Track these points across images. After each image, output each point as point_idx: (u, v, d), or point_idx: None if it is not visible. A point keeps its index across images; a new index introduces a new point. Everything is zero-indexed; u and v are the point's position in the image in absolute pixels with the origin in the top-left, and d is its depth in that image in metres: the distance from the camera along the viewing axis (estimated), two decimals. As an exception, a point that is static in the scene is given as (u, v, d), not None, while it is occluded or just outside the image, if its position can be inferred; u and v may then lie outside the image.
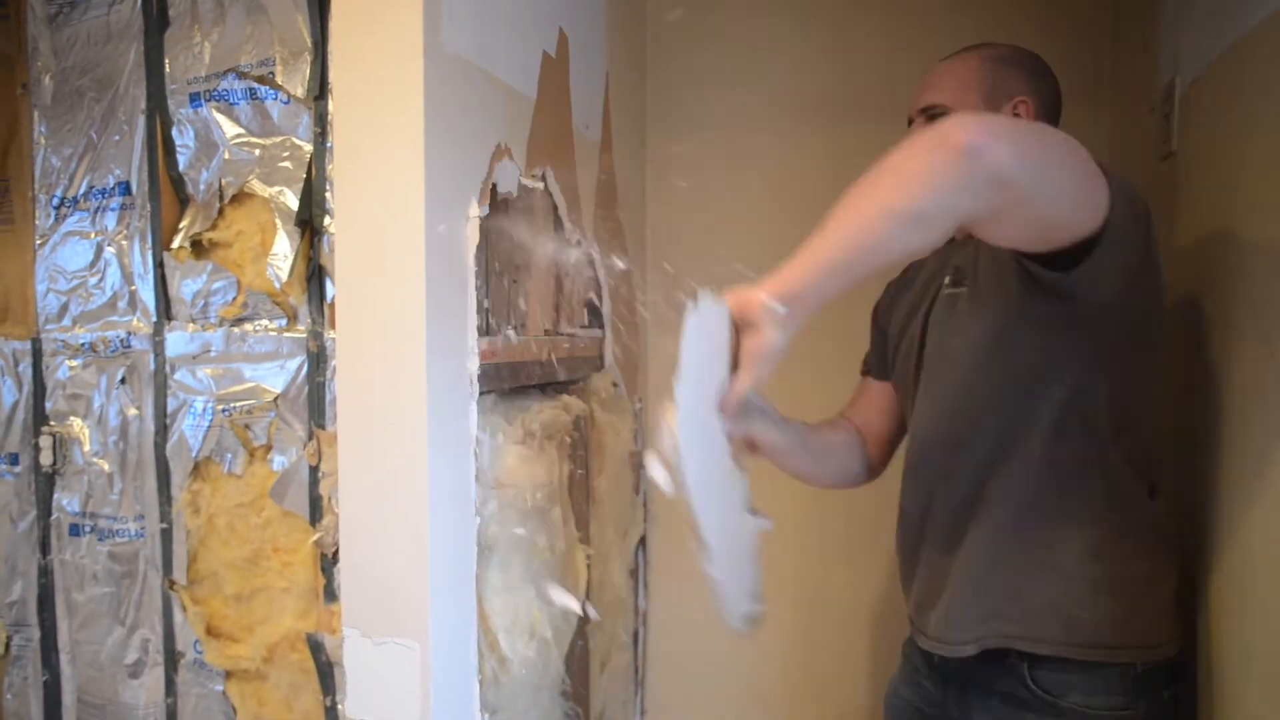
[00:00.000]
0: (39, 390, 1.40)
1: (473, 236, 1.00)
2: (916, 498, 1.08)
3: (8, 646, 1.46)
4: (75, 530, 1.39)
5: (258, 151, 1.23)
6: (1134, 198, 0.86)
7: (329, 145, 1.16)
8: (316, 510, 1.21)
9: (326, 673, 1.21)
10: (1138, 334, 0.94)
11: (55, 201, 1.38)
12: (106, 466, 1.36)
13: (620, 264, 1.61)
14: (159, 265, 1.30)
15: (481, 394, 1.02)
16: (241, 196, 1.25)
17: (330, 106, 1.15)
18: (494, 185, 1.06)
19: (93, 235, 1.36)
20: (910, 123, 1.10)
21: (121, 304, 1.34)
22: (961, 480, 1.01)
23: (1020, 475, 0.96)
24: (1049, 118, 1.05)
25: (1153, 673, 0.95)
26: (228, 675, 1.30)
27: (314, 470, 1.20)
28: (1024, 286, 0.92)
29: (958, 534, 1.01)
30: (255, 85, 1.22)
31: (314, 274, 1.21)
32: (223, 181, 1.25)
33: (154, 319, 1.31)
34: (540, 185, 1.23)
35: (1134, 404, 0.95)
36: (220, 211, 1.27)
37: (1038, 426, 0.95)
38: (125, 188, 1.33)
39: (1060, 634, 0.94)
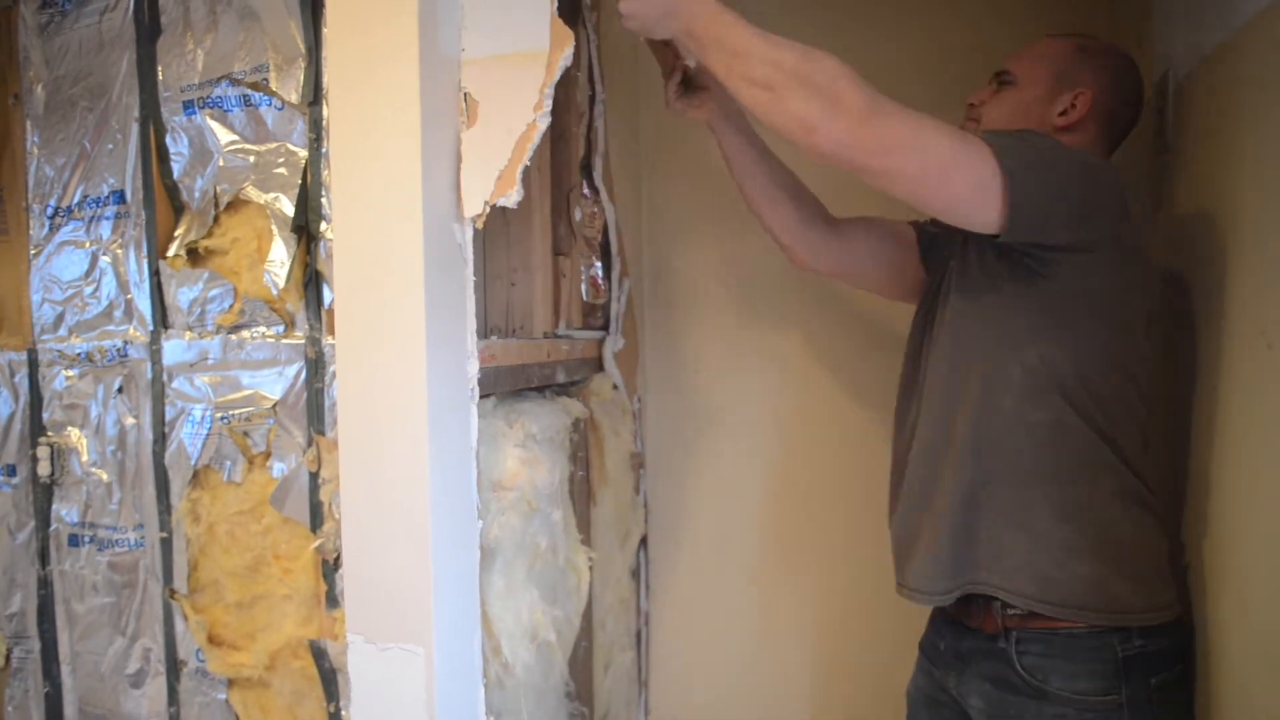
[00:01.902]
0: (35, 401, 1.40)
1: (471, 239, 0.99)
2: (902, 445, 1.15)
3: (8, 659, 1.45)
4: (74, 541, 1.39)
5: (252, 158, 1.22)
6: (1051, 195, 0.94)
7: (324, 151, 1.16)
8: (317, 517, 1.21)
9: (330, 679, 1.20)
10: (1103, 314, 1.00)
11: (49, 211, 1.38)
12: (105, 476, 1.35)
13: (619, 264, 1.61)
14: (155, 274, 1.30)
15: (481, 397, 1.02)
16: (237, 203, 1.25)
17: (325, 112, 1.15)
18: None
19: (87, 244, 1.35)
20: (998, 74, 1.16)
21: (117, 313, 1.34)
22: (945, 433, 1.07)
23: (997, 434, 1.02)
24: (1108, 119, 1.11)
25: (1137, 658, 0.97)
26: (230, 683, 1.29)
27: (314, 477, 1.20)
28: (996, 264, 1.02)
29: (940, 486, 1.06)
30: (249, 92, 1.22)
31: (311, 280, 1.21)
32: (218, 189, 1.25)
33: (150, 327, 1.31)
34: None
35: (1104, 379, 1.00)
36: (216, 219, 1.26)
37: (1013, 387, 1.01)
38: (119, 196, 1.32)
39: (1034, 590, 0.98)
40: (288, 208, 1.20)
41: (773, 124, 0.96)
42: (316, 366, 1.19)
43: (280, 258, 1.21)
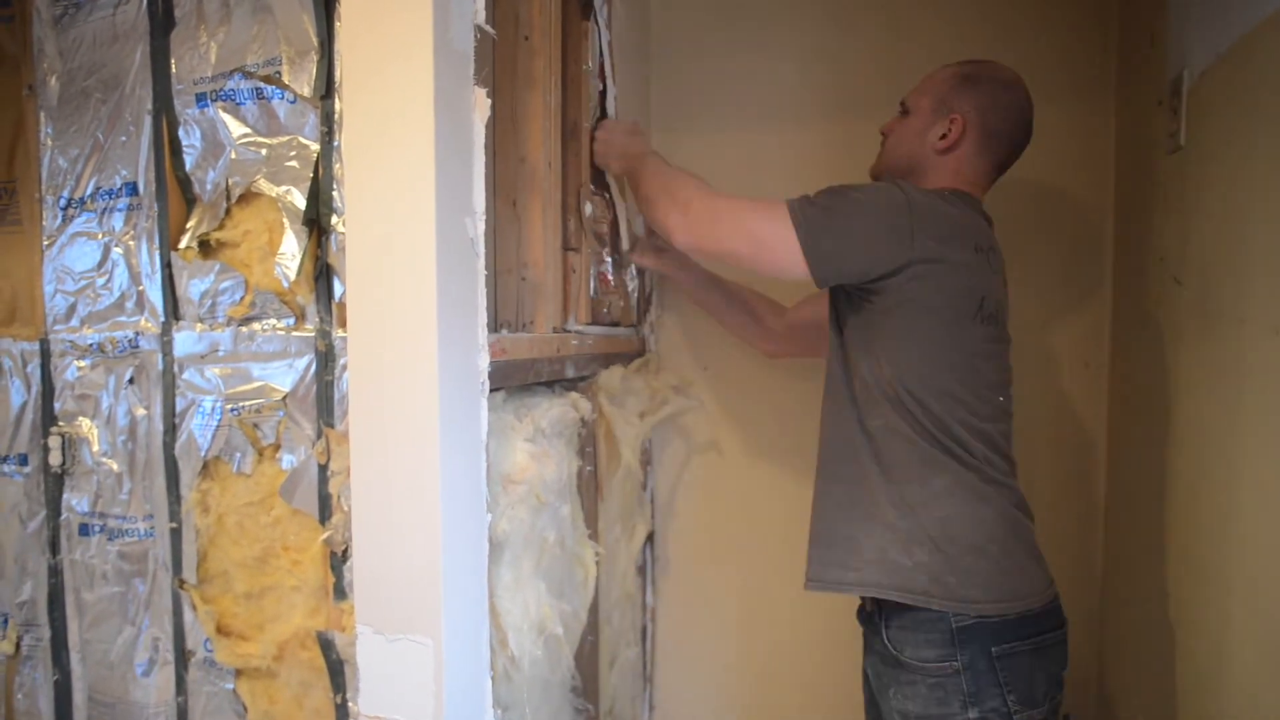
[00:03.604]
0: (47, 391, 1.41)
1: (483, 233, 1.00)
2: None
3: (18, 646, 1.46)
4: (85, 530, 1.40)
5: (264, 151, 1.23)
6: (849, 232, 1.12)
7: (336, 144, 1.16)
8: (326, 508, 1.21)
9: (337, 670, 1.21)
10: (922, 324, 1.12)
11: (62, 203, 1.38)
12: (115, 466, 1.36)
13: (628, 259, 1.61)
14: (166, 265, 1.30)
15: (491, 391, 1.02)
16: (248, 196, 1.25)
17: (337, 105, 1.15)
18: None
19: (100, 236, 1.36)
20: (900, 104, 1.31)
21: (129, 304, 1.35)
22: (822, 441, 1.24)
23: (849, 438, 1.17)
24: (984, 140, 1.23)
25: (975, 628, 1.08)
26: (238, 674, 1.30)
27: (323, 469, 1.21)
28: (841, 298, 1.21)
29: (819, 488, 1.22)
30: (261, 85, 1.22)
31: (322, 273, 1.21)
32: (229, 181, 1.25)
33: (162, 319, 1.31)
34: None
35: (926, 384, 1.12)
36: (227, 211, 1.27)
37: (853, 397, 1.17)
38: (132, 188, 1.33)
39: (884, 578, 1.12)
40: (299, 201, 1.20)
41: (654, 228, 1.32)
42: (326, 359, 1.20)
43: (291, 250, 1.21)
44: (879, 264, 1.11)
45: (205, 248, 1.29)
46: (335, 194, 1.18)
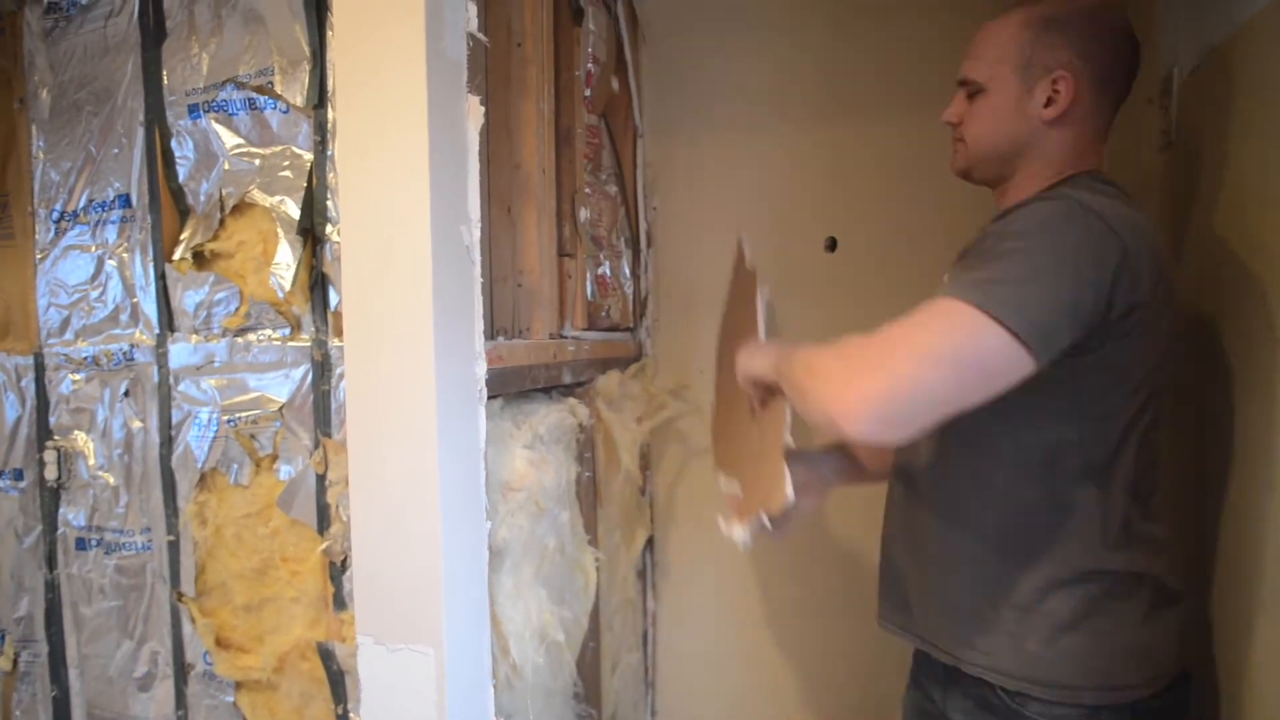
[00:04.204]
0: (42, 405, 1.40)
1: (478, 241, 1.00)
2: (896, 486, 1.12)
3: (15, 663, 1.46)
4: (82, 544, 1.39)
5: (258, 161, 1.23)
6: (1052, 311, 0.82)
7: (329, 153, 1.16)
8: (324, 519, 1.21)
9: (338, 681, 1.20)
10: (1100, 387, 0.91)
11: (55, 215, 1.38)
12: (112, 479, 1.36)
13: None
14: (161, 277, 1.30)
15: (489, 398, 1.02)
16: (242, 206, 1.25)
17: (330, 115, 1.15)
18: (497, 190, 1.06)
19: (93, 249, 1.35)
20: (961, 83, 1.04)
21: (124, 317, 1.34)
22: (940, 505, 1.02)
23: (986, 507, 0.96)
24: (1100, 86, 0.97)
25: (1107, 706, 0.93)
26: (238, 686, 1.29)
27: (321, 479, 1.20)
28: None
29: (935, 554, 1.02)
30: (254, 95, 1.22)
31: (317, 282, 1.21)
32: (223, 192, 1.25)
33: (157, 331, 1.31)
34: (542, 189, 1.23)
35: (1096, 452, 0.92)
36: (221, 222, 1.27)
37: (1002, 461, 0.95)
38: (125, 200, 1.32)
39: (1018, 669, 0.93)
40: (293, 210, 1.20)
41: (808, 419, 0.92)
42: (323, 369, 1.19)
43: (286, 260, 1.21)
44: (1098, 311, 0.84)
45: (199, 259, 1.29)
46: (329, 203, 1.17)
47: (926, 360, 0.81)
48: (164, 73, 1.28)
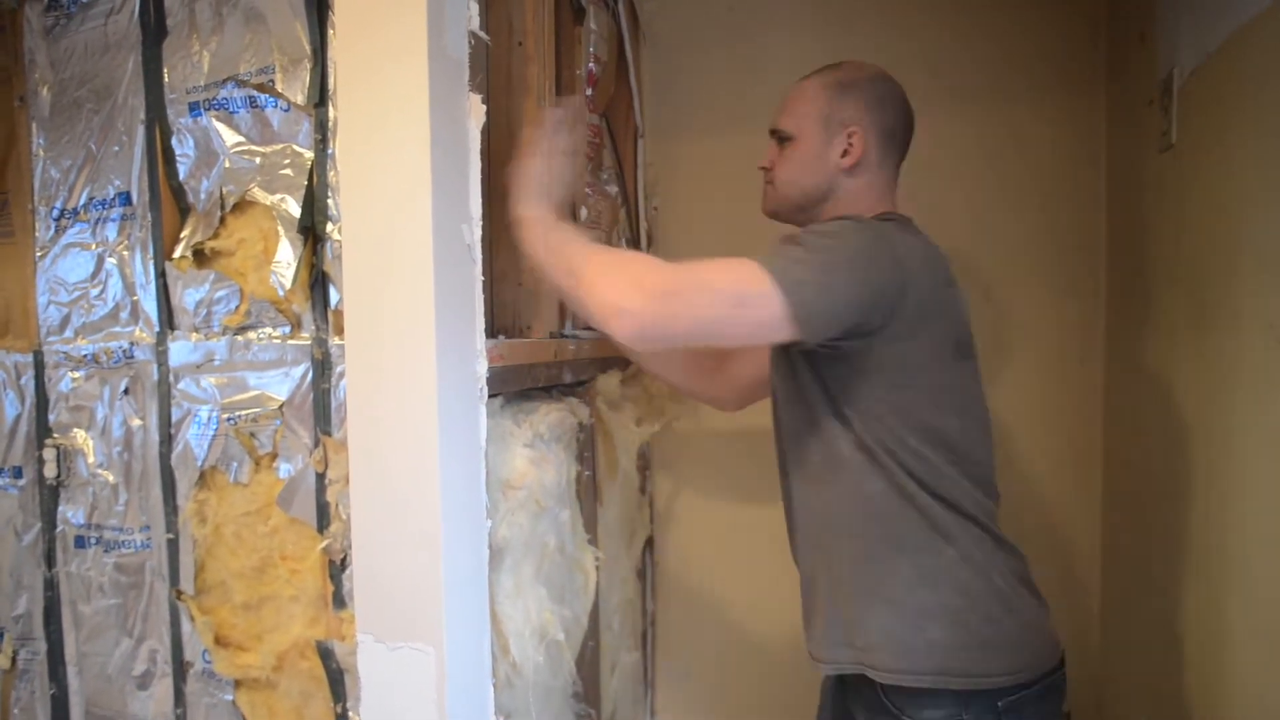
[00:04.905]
0: (41, 403, 1.40)
1: (479, 238, 1.00)
2: (790, 522, 1.20)
3: (14, 661, 1.45)
4: (81, 542, 1.39)
5: (258, 159, 1.23)
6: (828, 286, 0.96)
7: (330, 152, 1.16)
8: (324, 517, 1.21)
9: (337, 680, 1.20)
10: (910, 375, 1.02)
11: (55, 213, 1.38)
12: (111, 478, 1.35)
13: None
14: (161, 275, 1.30)
15: (489, 397, 1.02)
16: (243, 204, 1.25)
17: (331, 113, 1.15)
18: (498, 188, 1.06)
19: (93, 246, 1.35)
20: (773, 133, 1.20)
21: (123, 315, 1.34)
22: (800, 522, 1.14)
23: (844, 511, 1.06)
24: (886, 141, 1.14)
25: (978, 693, 1.00)
26: (237, 684, 1.29)
27: (320, 477, 1.20)
28: (802, 355, 1.08)
29: (816, 563, 1.12)
30: (255, 93, 1.22)
31: (317, 281, 1.21)
32: (224, 190, 1.25)
33: (157, 329, 1.31)
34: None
35: (933, 435, 1.02)
36: (222, 220, 1.26)
37: (842, 463, 1.05)
38: (125, 198, 1.32)
39: (894, 662, 1.02)
40: (294, 209, 1.20)
41: (588, 317, 1.01)
42: (323, 367, 1.19)
43: (286, 259, 1.21)
44: (874, 312, 0.98)
45: (200, 257, 1.29)
46: (330, 201, 1.17)
47: (707, 290, 0.96)
48: (164, 70, 1.28)
